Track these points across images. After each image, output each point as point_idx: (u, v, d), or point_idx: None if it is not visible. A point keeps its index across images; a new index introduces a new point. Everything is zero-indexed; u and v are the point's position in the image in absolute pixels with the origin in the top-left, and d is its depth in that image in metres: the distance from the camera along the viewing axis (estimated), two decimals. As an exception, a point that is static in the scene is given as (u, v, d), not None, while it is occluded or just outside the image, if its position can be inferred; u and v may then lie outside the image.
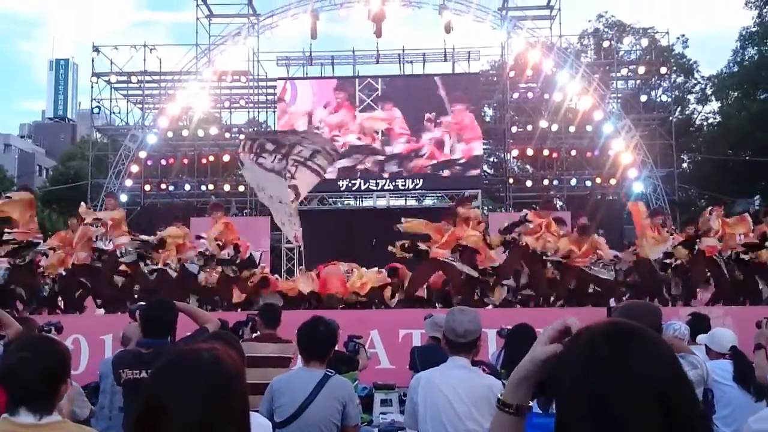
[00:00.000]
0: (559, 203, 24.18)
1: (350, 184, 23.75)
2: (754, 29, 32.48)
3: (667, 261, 11.46)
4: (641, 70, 24.98)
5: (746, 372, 4.91)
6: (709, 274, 11.48)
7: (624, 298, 11.16)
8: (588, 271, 11.13)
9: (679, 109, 34.31)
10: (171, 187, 24.57)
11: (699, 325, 6.14)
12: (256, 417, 3.11)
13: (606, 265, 11.33)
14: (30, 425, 2.48)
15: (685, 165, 35.28)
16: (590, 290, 11.44)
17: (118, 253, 11.06)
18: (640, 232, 11.77)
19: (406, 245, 11.26)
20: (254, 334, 6.12)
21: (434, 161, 23.79)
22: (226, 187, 24.41)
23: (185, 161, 25.10)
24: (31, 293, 11.12)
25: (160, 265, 11.09)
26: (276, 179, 11.42)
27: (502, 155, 29.44)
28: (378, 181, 23.80)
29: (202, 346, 1.62)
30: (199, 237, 11.59)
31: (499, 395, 1.55)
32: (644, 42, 28.73)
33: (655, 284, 11.50)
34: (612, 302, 10.77)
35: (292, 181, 11.47)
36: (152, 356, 4.07)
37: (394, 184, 23.73)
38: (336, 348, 4.95)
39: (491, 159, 33.58)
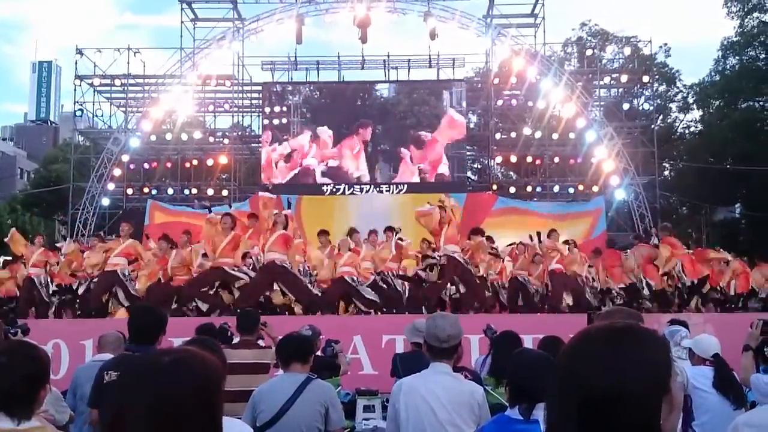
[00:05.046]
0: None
1: (335, 188, 23.73)
2: (735, 39, 32.87)
3: None
4: (624, 78, 25.19)
5: (726, 379, 4.94)
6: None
7: None
8: None
9: (661, 117, 34.66)
10: (154, 191, 24.42)
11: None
12: (236, 424, 3.09)
13: None
14: (8, 431, 2.46)
15: (666, 173, 35.62)
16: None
17: None
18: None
19: None
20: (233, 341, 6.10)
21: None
22: (210, 191, 24.29)
23: (168, 165, 24.97)
24: None
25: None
26: None
27: (486, 161, 29.54)
28: (363, 185, 23.78)
29: (168, 350, 1.58)
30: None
31: None
32: (627, 51, 29.00)
33: None
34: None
35: None
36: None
37: (378, 189, 23.72)
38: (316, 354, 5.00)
39: (475, 165, 33.70)
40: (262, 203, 11.88)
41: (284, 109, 24.99)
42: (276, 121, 24.85)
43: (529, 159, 24.54)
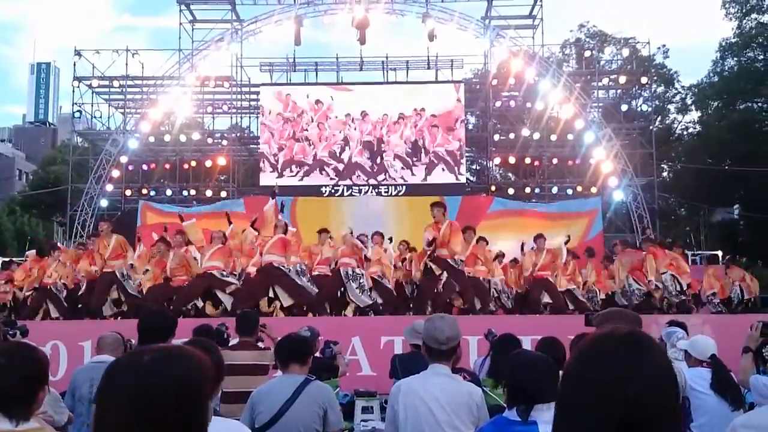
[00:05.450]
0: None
1: (333, 190, 23.71)
2: (733, 40, 32.91)
3: None
4: (622, 79, 25.18)
5: (724, 380, 4.94)
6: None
7: None
8: None
9: (659, 118, 34.66)
10: (152, 192, 24.40)
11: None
12: (234, 425, 3.09)
13: None
14: (6, 432, 2.46)
15: (665, 174, 35.64)
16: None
17: None
18: None
19: None
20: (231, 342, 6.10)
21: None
22: (208, 193, 24.28)
23: (167, 166, 24.97)
24: None
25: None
26: None
27: (485, 163, 29.55)
28: (361, 187, 23.77)
29: (152, 348, 1.52)
30: None
31: None
32: (625, 52, 28.94)
33: None
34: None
35: None
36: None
37: (377, 190, 23.70)
38: (315, 355, 5.01)
39: (474, 166, 33.71)
40: (266, 216, 12.01)
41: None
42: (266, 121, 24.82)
43: (528, 160, 24.54)
